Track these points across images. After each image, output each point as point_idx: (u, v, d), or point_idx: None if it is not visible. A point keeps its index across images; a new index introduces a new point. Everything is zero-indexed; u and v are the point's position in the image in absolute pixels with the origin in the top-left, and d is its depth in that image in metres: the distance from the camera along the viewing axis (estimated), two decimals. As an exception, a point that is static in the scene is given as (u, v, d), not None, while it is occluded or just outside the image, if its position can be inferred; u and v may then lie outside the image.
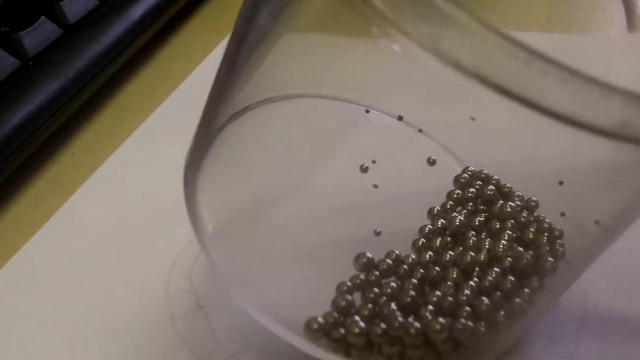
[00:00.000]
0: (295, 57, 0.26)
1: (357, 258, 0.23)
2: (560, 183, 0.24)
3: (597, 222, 0.21)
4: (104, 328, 0.25)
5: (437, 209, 0.26)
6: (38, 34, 0.36)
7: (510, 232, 0.23)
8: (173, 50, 0.44)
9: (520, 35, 0.15)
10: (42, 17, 0.36)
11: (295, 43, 0.25)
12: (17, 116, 0.32)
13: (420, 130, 0.28)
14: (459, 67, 0.15)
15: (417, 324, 0.20)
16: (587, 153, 0.18)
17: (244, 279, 0.22)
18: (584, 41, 0.29)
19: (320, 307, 0.22)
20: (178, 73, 0.41)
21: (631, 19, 0.27)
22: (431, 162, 0.27)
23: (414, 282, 0.22)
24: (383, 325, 0.21)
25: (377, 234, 0.25)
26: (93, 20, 0.38)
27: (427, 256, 0.23)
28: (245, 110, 0.26)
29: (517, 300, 0.21)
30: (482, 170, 0.27)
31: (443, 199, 0.26)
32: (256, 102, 0.26)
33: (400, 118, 0.28)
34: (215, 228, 0.23)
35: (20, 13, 0.36)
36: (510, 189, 0.26)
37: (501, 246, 0.23)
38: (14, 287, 0.27)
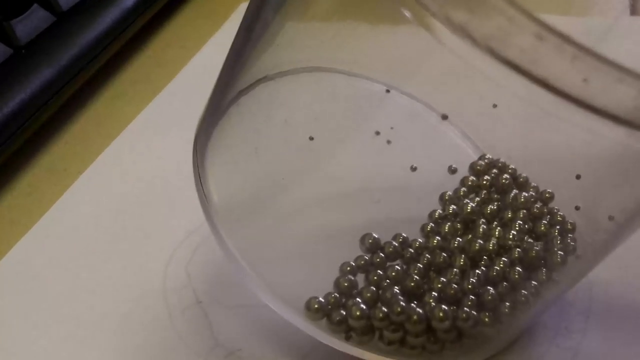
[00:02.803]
0: (311, 33, 0.25)
1: (363, 239, 0.23)
2: (578, 177, 0.23)
3: (611, 218, 0.20)
4: (100, 325, 0.25)
5: (449, 195, 0.25)
6: (30, 22, 0.35)
7: (521, 223, 0.23)
8: (167, 37, 0.44)
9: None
10: (35, 4, 0.36)
11: (312, 21, 0.24)
12: (10, 105, 0.31)
13: (444, 116, 0.28)
14: (470, 38, 0.14)
15: (420, 310, 0.20)
16: (605, 145, 0.17)
17: (250, 256, 0.22)
18: (586, 24, 0.29)
19: (325, 289, 0.21)
20: (172, 60, 0.40)
21: (634, 1, 0.27)
22: (452, 171, 0.27)
23: (419, 267, 0.22)
24: (385, 309, 0.20)
25: (377, 201, 0.25)
26: (86, 8, 0.38)
27: (435, 241, 0.23)
28: (259, 82, 0.25)
29: (523, 292, 0.21)
30: (499, 159, 0.26)
31: (457, 184, 0.26)
32: (272, 74, 0.25)
33: (445, 117, 0.27)
34: (223, 204, 0.22)
35: (12, 1, 0.35)
36: (526, 179, 0.25)
37: (511, 236, 0.22)
38: (8, 285, 0.26)
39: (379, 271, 0.22)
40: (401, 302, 0.20)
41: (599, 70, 0.14)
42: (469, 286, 0.21)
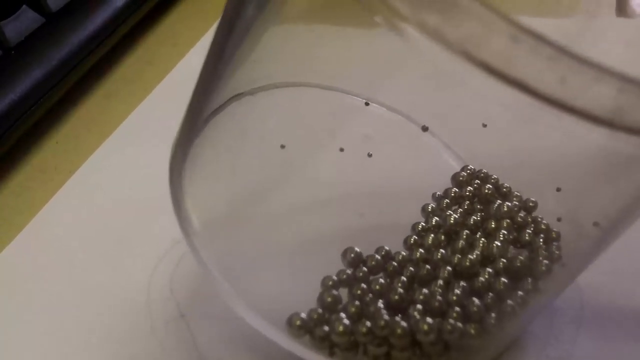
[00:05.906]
0: (286, 46, 0.25)
1: (345, 253, 0.22)
2: (558, 189, 0.23)
3: (596, 224, 0.20)
4: (82, 338, 0.24)
5: (432, 207, 0.25)
6: (20, 23, 0.35)
7: (505, 232, 0.23)
8: (159, 36, 0.43)
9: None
10: (24, 5, 0.35)
11: (286, 32, 0.24)
12: (0, 106, 0.31)
13: (424, 128, 0.27)
14: (444, 42, 0.14)
15: (404, 324, 0.20)
16: (588, 149, 0.17)
17: (231, 274, 0.22)
18: (572, 24, 0.29)
19: (308, 304, 0.21)
20: (164, 58, 0.40)
21: (619, 1, 0.27)
22: (437, 198, 0.26)
23: (403, 280, 0.21)
24: (368, 324, 0.20)
25: (361, 215, 0.25)
26: (76, 8, 0.38)
27: (418, 254, 0.22)
28: (235, 98, 0.25)
29: (509, 302, 0.21)
30: (481, 170, 0.26)
31: (438, 195, 0.26)
32: (248, 90, 0.25)
33: (425, 129, 0.27)
34: (201, 222, 0.22)
35: (1, 2, 0.35)
36: (509, 188, 0.25)
37: (495, 247, 0.22)
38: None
39: (362, 285, 0.21)
40: (385, 316, 0.20)
41: (575, 70, 0.14)
42: (454, 298, 0.21)
